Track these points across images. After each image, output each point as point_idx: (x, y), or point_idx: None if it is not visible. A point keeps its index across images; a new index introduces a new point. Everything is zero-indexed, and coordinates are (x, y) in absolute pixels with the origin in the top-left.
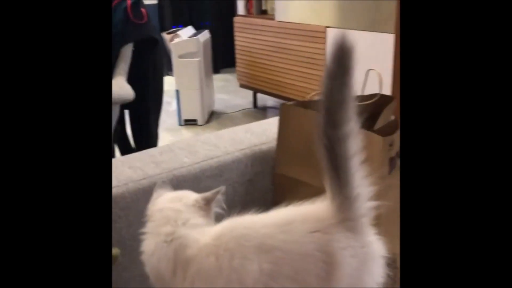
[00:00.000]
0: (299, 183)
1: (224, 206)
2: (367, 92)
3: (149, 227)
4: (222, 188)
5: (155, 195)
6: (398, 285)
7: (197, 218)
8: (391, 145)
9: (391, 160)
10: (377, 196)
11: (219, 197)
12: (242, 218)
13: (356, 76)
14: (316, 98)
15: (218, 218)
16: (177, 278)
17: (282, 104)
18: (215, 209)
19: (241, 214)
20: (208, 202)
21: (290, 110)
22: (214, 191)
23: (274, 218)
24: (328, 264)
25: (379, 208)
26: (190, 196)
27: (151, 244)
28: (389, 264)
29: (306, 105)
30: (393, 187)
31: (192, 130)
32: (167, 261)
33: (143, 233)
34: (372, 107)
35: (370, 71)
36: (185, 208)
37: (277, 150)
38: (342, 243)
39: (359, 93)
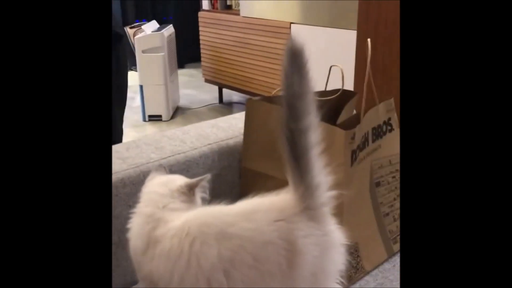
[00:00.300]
0: (265, 177)
1: (207, 193)
2: (330, 87)
3: (137, 207)
4: (208, 175)
5: (149, 177)
6: (360, 273)
7: (177, 203)
8: (352, 138)
9: (353, 153)
10: (340, 187)
11: (204, 183)
12: (210, 207)
13: (319, 72)
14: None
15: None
16: (147, 256)
17: (248, 99)
18: (201, 195)
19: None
20: (191, 188)
21: (255, 105)
22: (198, 178)
23: (238, 207)
24: (290, 252)
25: (341, 199)
26: (176, 181)
27: (134, 222)
28: (352, 252)
29: (271, 100)
30: (355, 179)
31: (157, 126)
32: (142, 239)
33: (132, 212)
34: (335, 102)
35: (333, 67)
36: (168, 193)
37: (243, 144)
38: (304, 231)
39: (322, 88)
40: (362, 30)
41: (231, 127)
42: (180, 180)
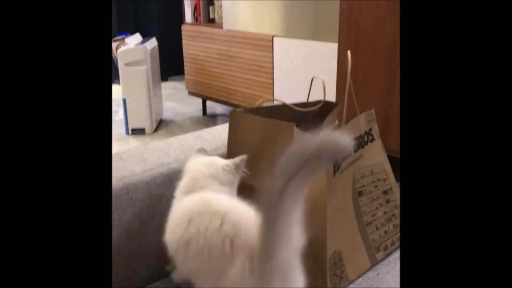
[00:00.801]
0: (248, 188)
1: (247, 172)
2: (313, 98)
3: (179, 184)
4: (245, 156)
5: (192, 157)
6: (344, 282)
7: (216, 186)
8: None
9: (335, 162)
10: (323, 198)
11: (243, 164)
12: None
13: (302, 83)
14: (264, 104)
15: None
16: (179, 257)
17: (232, 111)
18: (242, 174)
19: None
20: (237, 167)
21: (239, 117)
22: (241, 157)
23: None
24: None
25: (324, 208)
26: (219, 161)
27: (176, 198)
28: (336, 262)
29: (255, 111)
30: (338, 189)
31: (140, 139)
32: (173, 240)
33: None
34: (317, 113)
35: (315, 78)
36: (214, 172)
37: (227, 156)
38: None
39: (304, 99)
40: (343, 43)
41: (215, 138)
42: (222, 161)
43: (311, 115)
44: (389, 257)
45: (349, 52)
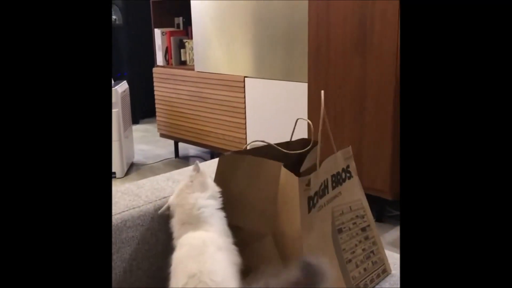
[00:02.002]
0: (234, 228)
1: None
2: (285, 137)
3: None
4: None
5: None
6: None
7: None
8: (307, 185)
9: (310, 199)
10: (298, 236)
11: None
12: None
13: (275, 123)
14: (251, 147)
15: None
16: None
17: (221, 155)
18: None
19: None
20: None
21: (228, 159)
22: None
23: None
24: None
25: (300, 245)
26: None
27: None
28: None
29: (242, 153)
30: (315, 226)
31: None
32: None
33: None
34: (299, 152)
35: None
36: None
37: None
38: None
39: (287, 139)
40: (312, 82)
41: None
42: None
43: (293, 155)
44: None
45: (322, 92)
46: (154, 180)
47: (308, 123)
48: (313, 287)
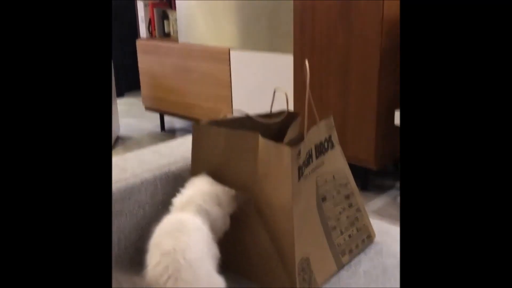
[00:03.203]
0: None
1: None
2: (274, 109)
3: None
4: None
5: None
6: (313, 286)
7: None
8: (298, 154)
9: (299, 168)
10: (289, 204)
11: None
12: None
13: (260, 95)
14: (227, 117)
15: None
16: None
17: (194, 124)
18: None
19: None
20: (234, 199)
21: (202, 130)
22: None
23: None
24: None
25: (291, 214)
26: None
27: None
28: (304, 268)
29: (219, 123)
30: (302, 195)
31: None
32: None
33: None
34: (280, 124)
35: (277, 90)
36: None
37: (191, 169)
38: None
39: (264, 110)
40: (298, 53)
41: (173, 152)
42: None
43: (274, 126)
44: (354, 259)
45: (306, 61)
46: (140, 153)
47: (285, 94)
48: None
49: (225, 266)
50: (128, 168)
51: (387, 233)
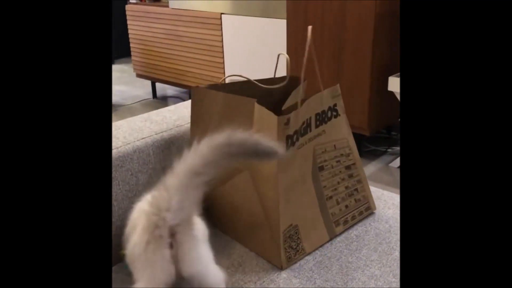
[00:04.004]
0: None
1: None
2: (266, 75)
3: None
4: None
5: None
6: (300, 254)
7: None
8: (286, 124)
9: (289, 138)
10: (274, 173)
11: None
12: None
13: (255, 60)
14: (226, 82)
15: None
16: None
17: (194, 88)
18: None
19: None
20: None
21: (202, 94)
22: None
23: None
24: None
25: (276, 182)
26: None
27: None
28: (292, 235)
29: (218, 88)
30: (295, 163)
31: None
32: None
33: None
34: (282, 90)
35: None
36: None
37: (191, 133)
38: None
39: (271, 75)
40: (291, 19)
41: (164, 120)
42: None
43: (276, 92)
44: (349, 231)
45: (309, 27)
46: (132, 121)
47: (287, 58)
48: None
49: (216, 227)
50: (120, 136)
51: (379, 199)
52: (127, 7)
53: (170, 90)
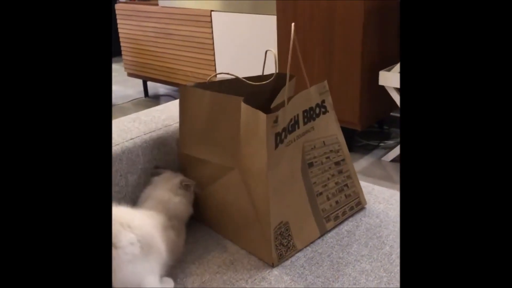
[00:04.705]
0: (201, 162)
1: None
2: (256, 72)
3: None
4: (194, 183)
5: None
6: (291, 251)
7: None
8: (275, 121)
9: (277, 135)
10: (264, 171)
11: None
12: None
13: (244, 57)
14: (213, 80)
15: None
16: None
17: (181, 86)
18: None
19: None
20: (188, 187)
21: (189, 92)
22: (192, 182)
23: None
24: None
25: (266, 180)
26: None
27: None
28: (282, 232)
29: (205, 86)
30: (284, 161)
31: None
32: None
33: None
34: (271, 86)
35: (268, 52)
36: (170, 187)
37: (180, 131)
38: None
39: (259, 73)
40: (281, 15)
41: (153, 120)
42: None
43: (266, 89)
44: (339, 226)
45: (293, 24)
46: (120, 122)
47: (274, 55)
48: None
49: (207, 225)
50: None
51: (370, 193)
52: (117, 6)
53: (162, 88)
